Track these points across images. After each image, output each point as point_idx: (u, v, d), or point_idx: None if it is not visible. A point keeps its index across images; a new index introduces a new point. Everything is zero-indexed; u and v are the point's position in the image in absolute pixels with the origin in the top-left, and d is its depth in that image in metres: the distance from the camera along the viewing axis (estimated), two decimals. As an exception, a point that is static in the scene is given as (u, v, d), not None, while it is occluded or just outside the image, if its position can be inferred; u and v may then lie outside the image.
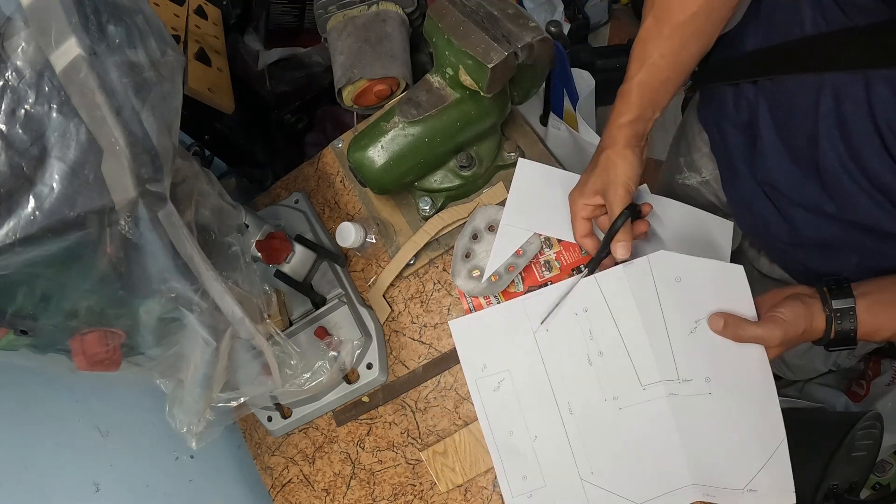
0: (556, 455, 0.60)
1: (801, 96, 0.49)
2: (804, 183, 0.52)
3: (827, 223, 0.53)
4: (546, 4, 1.56)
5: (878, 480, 1.15)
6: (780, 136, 0.53)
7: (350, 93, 0.75)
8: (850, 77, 0.45)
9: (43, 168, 0.36)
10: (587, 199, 0.57)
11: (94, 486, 0.61)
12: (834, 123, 0.47)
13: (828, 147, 0.48)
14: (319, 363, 0.66)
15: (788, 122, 0.52)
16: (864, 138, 0.45)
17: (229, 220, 0.56)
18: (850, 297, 0.47)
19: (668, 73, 0.54)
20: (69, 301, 0.43)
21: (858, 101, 0.44)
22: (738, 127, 0.59)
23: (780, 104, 0.52)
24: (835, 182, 0.49)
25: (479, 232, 0.67)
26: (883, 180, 0.46)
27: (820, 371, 1.23)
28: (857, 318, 0.47)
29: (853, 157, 0.47)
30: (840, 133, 0.47)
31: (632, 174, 0.54)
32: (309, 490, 0.74)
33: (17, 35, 0.37)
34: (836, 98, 0.46)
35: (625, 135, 0.55)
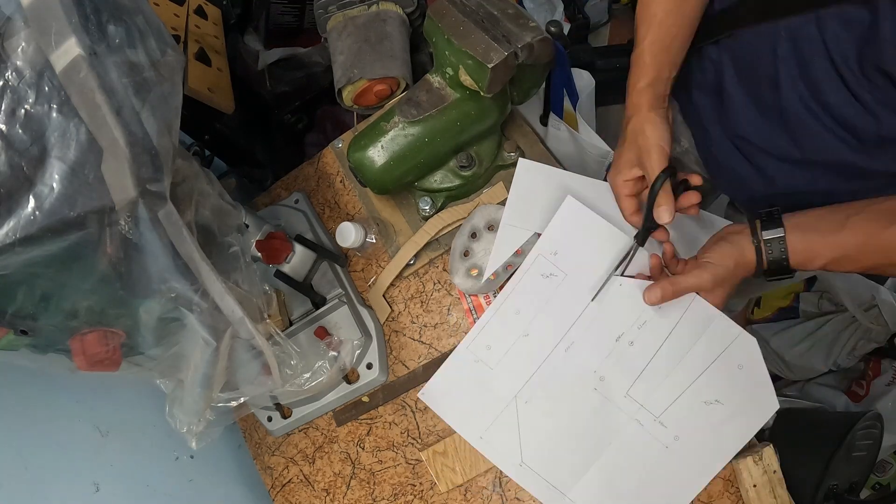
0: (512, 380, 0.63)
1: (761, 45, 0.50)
2: (771, 132, 0.54)
3: (798, 169, 0.55)
4: (546, 4, 1.56)
5: (878, 480, 1.15)
6: (744, 88, 0.55)
7: (350, 93, 0.75)
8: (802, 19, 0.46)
9: (43, 168, 0.36)
10: (625, 175, 0.56)
11: (94, 486, 0.61)
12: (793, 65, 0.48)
13: (789, 89, 0.49)
14: (319, 363, 0.66)
15: (751, 74, 0.53)
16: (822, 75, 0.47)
17: (229, 220, 0.56)
18: (780, 226, 0.48)
19: (676, 29, 0.54)
20: (69, 301, 0.43)
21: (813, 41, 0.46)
22: (704, 89, 0.60)
23: (743, 57, 0.54)
24: (799, 124, 0.51)
25: (478, 230, 0.67)
26: (843, 114, 0.47)
27: (820, 371, 1.23)
28: (787, 246, 0.48)
29: (814, 96, 0.48)
30: (800, 73, 0.48)
31: (662, 135, 0.53)
32: (309, 490, 0.74)
33: (17, 35, 0.37)
34: (793, 41, 0.47)
35: (647, 99, 0.54)
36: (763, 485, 0.56)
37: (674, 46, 0.55)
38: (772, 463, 0.56)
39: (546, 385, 0.61)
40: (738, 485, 0.58)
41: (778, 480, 0.56)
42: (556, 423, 0.61)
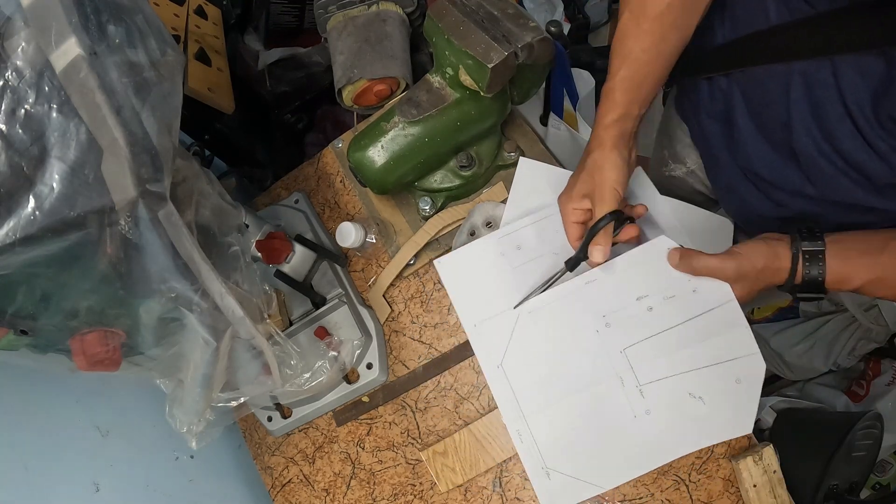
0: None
1: (773, 85, 0.50)
2: (784, 168, 0.53)
3: (810, 204, 0.54)
4: (546, 4, 1.56)
5: (878, 480, 1.15)
6: (755, 123, 0.54)
7: (350, 93, 0.75)
8: (817, 63, 0.45)
9: (43, 168, 0.36)
10: (575, 204, 0.56)
11: (94, 486, 0.61)
12: (806, 109, 0.48)
13: (802, 132, 0.49)
14: (319, 363, 0.66)
15: (762, 110, 0.53)
16: (836, 121, 0.46)
17: (229, 220, 0.56)
18: (821, 240, 0.47)
19: (651, 68, 0.53)
20: (69, 301, 0.43)
21: (828, 86, 0.45)
22: (714, 117, 0.60)
23: (753, 93, 0.53)
24: (812, 165, 0.50)
25: (477, 229, 0.67)
26: (857, 159, 0.47)
27: (820, 371, 1.23)
28: (825, 263, 0.47)
29: (827, 140, 0.48)
30: (813, 118, 0.48)
31: (618, 177, 0.53)
32: (309, 490, 0.74)
33: (17, 35, 0.37)
34: (807, 84, 0.47)
35: (611, 135, 0.54)
36: (763, 485, 0.56)
37: (646, 84, 0.54)
38: (772, 463, 0.56)
39: (553, 306, 0.61)
40: (738, 485, 0.58)
41: (778, 480, 0.56)
42: (546, 347, 0.61)
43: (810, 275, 0.47)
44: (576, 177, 0.57)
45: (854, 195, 0.50)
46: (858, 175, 0.48)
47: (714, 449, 0.60)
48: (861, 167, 0.47)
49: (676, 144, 0.72)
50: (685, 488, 0.60)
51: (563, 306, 0.61)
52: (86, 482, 0.60)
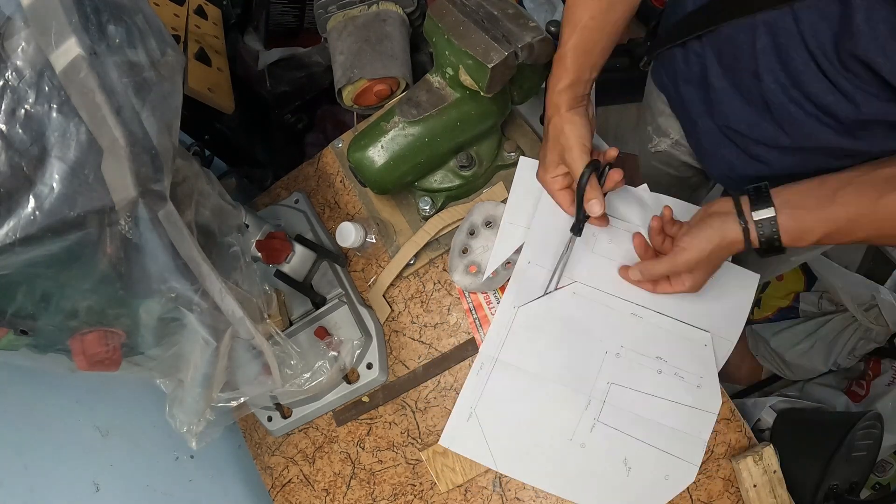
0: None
1: (741, 38, 0.52)
2: (759, 121, 0.55)
3: (787, 155, 0.56)
4: (546, 4, 1.56)
5: (878, 480, 1.15)
6: (729, 80, 0.56)
7: (350, 93, 0.75)
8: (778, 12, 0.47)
9: (43, 168, 0.36)
10: (552, 173, 0.58)
11: (94, 486, 0.61)
12: (773, 57, 0.49)
13: (770, 80, 0.51)
14: (319, 363, 0.66)
15: (734, 66, 0.54)
16: (801, 65, 0.48)
17: (229, 220, 0.56)
18: (770, 205, 0.49)
19: (599, 35, 0.56)
20: (69, 301, 0.43)
21: (791, 33, 0.47)
22: (691, 82, 0.61)
23: (725, 50, 0.55)
24: (783, 112, 0.52)
25: (476, 228, 0.67)
26: (824, 101, 0.48)
27: (820, 371, 1.23)
28: (779, 225, 0.48)
29: (795, 86, 0.49)
30: (779, 65, 0.49)
31: (581, 132, 0.56)
32: (309, 490, 0.74)
33: (17, 35, 0.37)
34: (771, 33, 0.49)
35: (565, 99, 0.56)
36: (763, 485, 0.56)
37: (595, 50, 0.56)
38: (772, 463, 0.56)
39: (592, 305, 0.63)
40: (738, 485, 0.58)
41: (778, 480, 0.56)
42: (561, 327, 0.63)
43: (766, 238, 0.49)
44: (544, 149, 0.59)
45: (826, 139, 0.51)
46: (828, 117, 0.50)
47: (714, 449, 0.60)
48: (829, 109, 0.49)
49: (658, 117, 0.74)
50: (685, 488, 0.60)
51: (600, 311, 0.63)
52: (86, 482, 0.60)
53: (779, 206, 0.48)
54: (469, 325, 0.69)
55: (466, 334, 0.69)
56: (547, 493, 0.62)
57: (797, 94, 0.50)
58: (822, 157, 0.54)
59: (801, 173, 0.56)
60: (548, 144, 0.58)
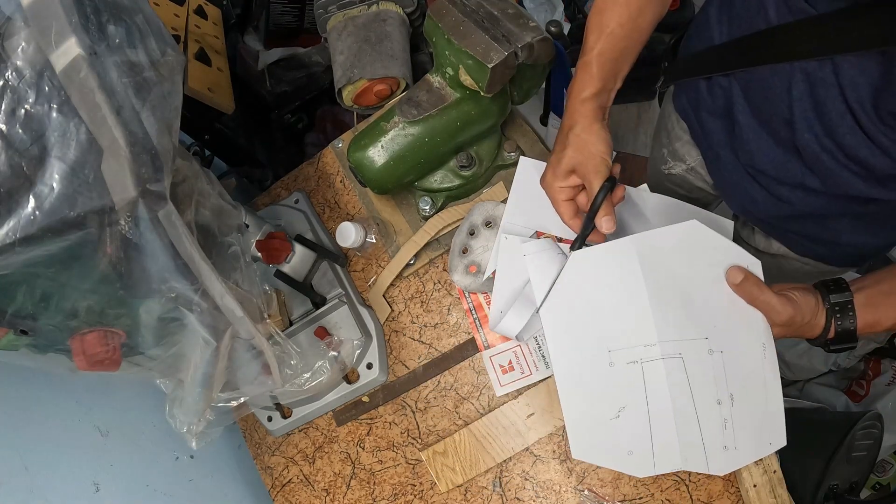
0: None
1: (775, 82, 0.50)
2: (786, 162, 0.54)
3: (813, 197, 0.55)
4: (546, 4, 1.56)
5: (878, 480, 1.15)
6: (757, 119, 0.54)
7: (350, 93, 0.75)
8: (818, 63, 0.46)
9: (43, 168, 0.36)
10: (562, 182, 0.55)
11: (94, 486, 0.61)
12: (809, 106, 0.48)
13: (804, 129, 0.50)
14: (319, 363, 0.66)
15: (764, 108, 0.53)
16: (837, 118, 0.47)
17: (229, 220, 0.56)
18: (848, 291, 0.48)
19: (627, 42, 0.54)
20: (69, 301, 0.43)
21: (829, 85, 0.46)
22: (714, 114, 0.60)
23: (755, 90, 0.53)
24: (815, 160, 0.51)
25: (476, 228, 0.67)
26: (859, 155, 0.47)
27: (820, 371, 1.23)
28: (855, 311, 0.47)
29: (829, 136, 0.48)
30: (815, 115, 0.48)
31: (604, 148, 0.53)
32: (309, 490, 0.74)
33: (17, 35, 0.37)
34: (809, 83, 0.47)
35: (590, 109, 0.54)
36: (763, 485, 0.56)
37: (622, 59, 0.54)
38: (772, 463, 0.56)
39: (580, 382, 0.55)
40: (738, 485, 0.58)
41: (778, 480, 0.56)
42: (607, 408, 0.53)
43: (842, 326, 0.48)
44: (558, 155, 0.55)
45: (857, 187, 0.50)
46: (860, 168, 0.49)
47: (714, 449, 0.60)
48: (863, 161, 0.48)
49: (675, 142, 0.72)
50: (685, 488, 0.60)
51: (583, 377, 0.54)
52: (86, 482, 0.60)
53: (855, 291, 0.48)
54: (469, 325, 0.69)
55: (466, 334, 0.69)
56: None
57: (830, 143, 0.49)
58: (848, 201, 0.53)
59: (825, 214, 0.56)
60: (564, 152, 0.55)
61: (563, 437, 0.64)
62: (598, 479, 0.62)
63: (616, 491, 0.62)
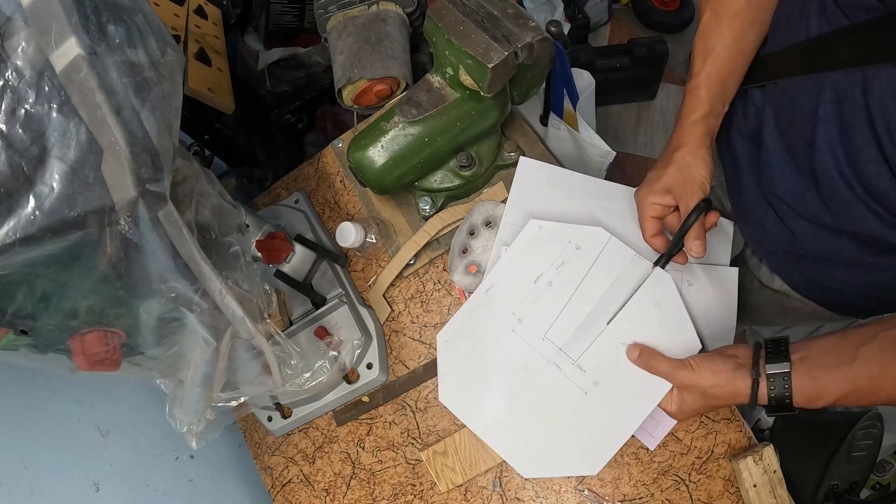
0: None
1: (803, 100, 0.49)
2: (805, 192, 0.53)
3: (826, 235, 0.54)
4: (546, 4, 1.56)
5: (878, 480, 1.15)
6: (783, 142, 0.54)
7: (350, 93, 0.75)
8: (848, 79, 0.45)
9: (43, 168, 0.36)
10: (656, 198, 0.56)
11: (94, 486, 0.61)
12: (834, 128, 0.47)
13: (826, 152, 0.48)
14: (319, 363, 0.66)
15: (791, 128, 0.52)
16: (862, 144, 0.45)
17: (229, 219, 0.56)
18: (787, 360, 0.46)
19: (732, 64, 0.54)
20: (69, 301, 0.43)
21: (857, 106, 0.44)
22: (744, 135, 0.59)
23: (784, 109, 0.53)
24: (832, 189, 0.49)
25: (476, 228, 0.67)
26: (879, 187, 0.46)
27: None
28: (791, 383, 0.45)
29: (850, 163, 0.47)
30: (840, 137, 0.47)
31: (707, 174, 0.54)
32: (309, 490, 0.74)
33: (17, 35, 0.37)
34: (837, 102, 0.46)
35: (698, 132, 0.55)
36: (763, 485, 0.56)
37: (729, 81, 0.55)
38: (772, 463, 0.56)
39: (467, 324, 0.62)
40: (738, 485, 0.58)
41: (778, 480, 0.56)
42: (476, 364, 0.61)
43: (776, 396, 0.46)
44: (658, 172, 0.57)
45: (871, 227, 0.49)
46: (877, 205, 0.47)
47: (714, 449, 0.60)
48: (881, 196, 0.46)
49: None
50: (685, 488, 0.60)
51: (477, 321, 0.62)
52: (86, 482, 0.60)
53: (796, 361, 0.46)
54: (469, 325, 0.69)
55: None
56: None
57: (850, 172, 0.47)
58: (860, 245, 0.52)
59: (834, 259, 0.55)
60: (665, 170, 0.56)
61: (563, 437, 0.64)
62: (598, 479, 0.62)
63: (616, 491, 0.62)
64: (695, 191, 0.54)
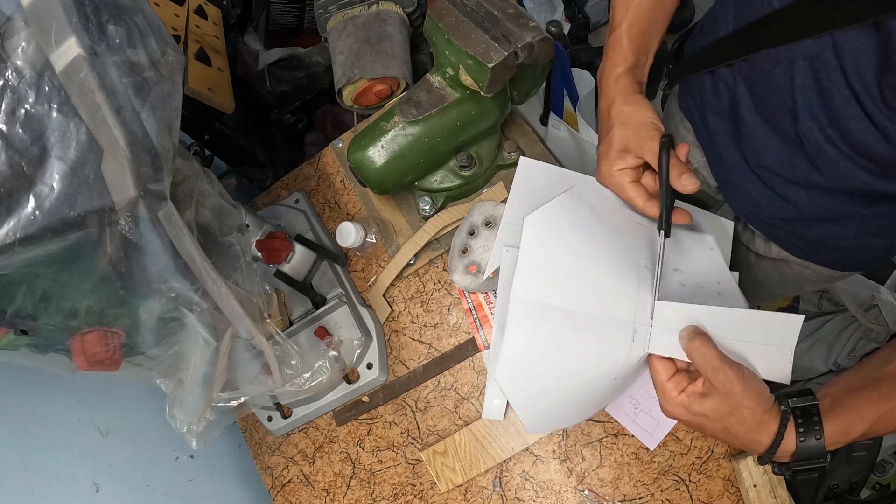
0: None
1: (777, 72, 0.49)
2: (791, 158, 0.53)
3: (819, 195, 0.54)
4: (546, 4, 1.56)
5: (878, 480, 1.15)
6: (761, 115, 0.54)
7: (350, 93, 0.75)
8: (819, 44, 0.45)
9: (43, 168, 0.36)
10: (619, 164, 0.52)
11: (94, 486, 0.61)
12: (812, 93, 0.47)
13: (807, 118, 0.49)
14: (319, 363, 0.66)
15: (768, 100, 0.52)
16: (841, 102, 0.45)
17: (229, 219, 0.56)
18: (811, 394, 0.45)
19: (654, 14, 0.53)
20: (69, 301, 0.43)
21: (832, 69, 0.45)
22: (719, 113, 0.59)
23: (758, 83, 0.52)
24: (819, 152, 0.50)
25: (476, 228, 0.67)
26: (864, 142, 0.46)
27: (820, 371, 1.23)
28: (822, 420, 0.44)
29: (833, 124, 0.47)
30: (819, 102, 0.47)
31: (652, 114, 0.51)
32: (309, 490, 0.74)
33: (17, 35, 0.37)
34: (812, 68, 0.46)
35: (626, 83, 0.53)
36: (763, 485, 0.56)
37: (651, 31, 0.54)
38: (772, 463, 0.56)
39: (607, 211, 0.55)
40: (738, 485, 0.58)
41: (778, 480, 0.56)
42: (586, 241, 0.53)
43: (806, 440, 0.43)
44: (606, 141, 0.53)
45: (862, 180, 0.49)
46: (865, 159, 0.48)
47: (714, 449, 0.60)
48: (867, 150, 0.47)
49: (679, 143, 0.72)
50: (685, 488, 0.60)
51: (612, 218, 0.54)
52: (86, 482, 0.60)
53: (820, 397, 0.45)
54: (469, 325, 0.69)
55: (466, 334, 0.69)
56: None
57: (834, 133, 0.47)
58: (854, 199, 0.52)
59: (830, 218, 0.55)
60: (610, 133, 0.52)
61: (564, 437, 0.64)
62: (598, 479, 0.62)
63: (616, 491, 0.62)
64: (650, 133, 0.50)
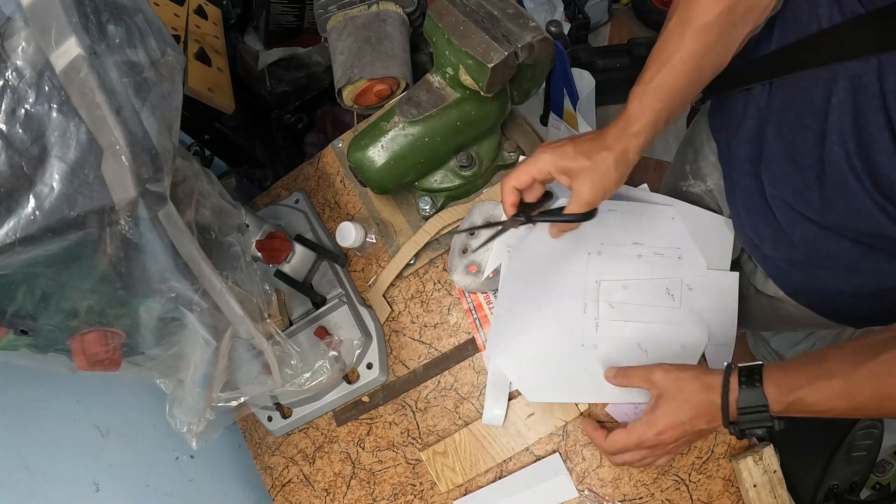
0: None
1: (815, 91, 0.48)
2: (805, 190, 0.51)
3: (826, 238, 0.52)
4: (546, 4, 1.56)
5: (878, 480, 1.15)
6: (786, 139, 0.52)
7: (350, 92, 0.75)
8: (863, 66, 0.44)
9: (43, 168, 0.36)
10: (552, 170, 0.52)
11: (94, 486, 0.61)
12: (847, 117, 0.46)
13: (836, 142, 0.47)
14: (319, 363, 0.66)
15: (797, 123, 0.50)
16: (875, 132, 0.44)
17: (229, 219, 0.56)
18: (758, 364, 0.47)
19: (687, 80, 0.50)
20: (69, 301, 0.43)
21: (872, 94, 0.43)
22: (743, 138, 0.58)
23: (793, 102, 0.51)
24: (839, 182, 0.48)
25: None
26: (890, 178, 0.44)
27: (820, 371, 1.23)
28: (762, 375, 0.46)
29: (861, 154, 0.46)
30: (853, 127, 0.45)
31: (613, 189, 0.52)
32: (309, 490, 0.74)
33: (17, 35, 0.37)
34: (852, 90, 0.45)
35: (634, 146, 0.51)
36: (763, 485, 0.56)
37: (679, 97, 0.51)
38: (772, 463, 0.56)
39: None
40: (738, 485, 0.58)
41: (778, 480, 0.56)
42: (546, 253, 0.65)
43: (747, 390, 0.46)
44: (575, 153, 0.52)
45: (872, 220, 0.47)
46: (883, 198, 0.46)
47: (714, 449, 0.60)
48: (890, 188, 0.45)
49: (701, 161, 0.70)
50: (685, 488, 0.60)
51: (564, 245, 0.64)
52: (86, 482, 0.60)
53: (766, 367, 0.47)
54: (469, 325, 0.69)
55: (466, 334, 0.69)
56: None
57: (860, 163, 0.46)
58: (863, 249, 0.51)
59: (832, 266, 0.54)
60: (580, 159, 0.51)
61: (564, 437, 0.64)
62: (598, 479, 0.62)
63: (616, 491, 0.62)
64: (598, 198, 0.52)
